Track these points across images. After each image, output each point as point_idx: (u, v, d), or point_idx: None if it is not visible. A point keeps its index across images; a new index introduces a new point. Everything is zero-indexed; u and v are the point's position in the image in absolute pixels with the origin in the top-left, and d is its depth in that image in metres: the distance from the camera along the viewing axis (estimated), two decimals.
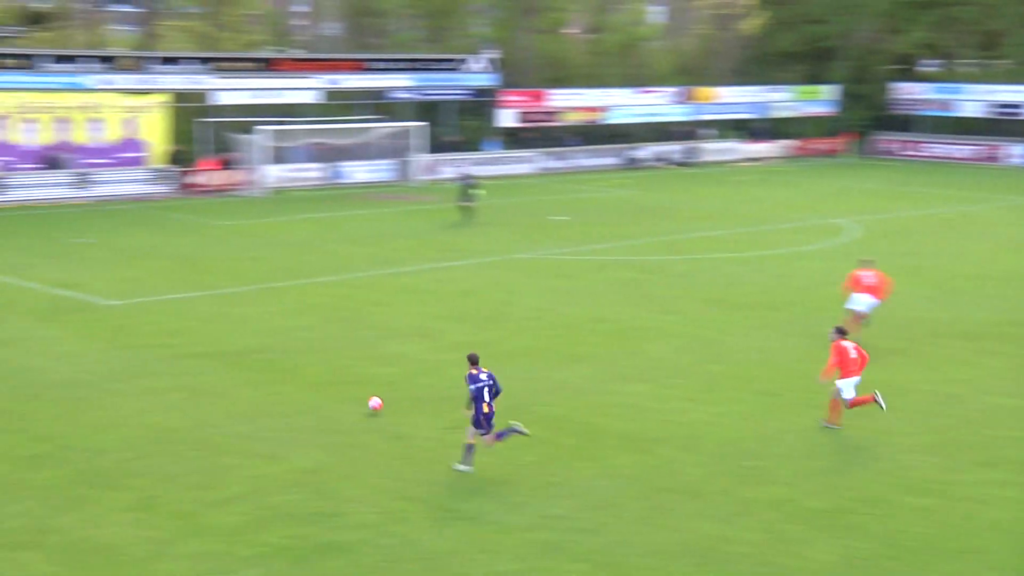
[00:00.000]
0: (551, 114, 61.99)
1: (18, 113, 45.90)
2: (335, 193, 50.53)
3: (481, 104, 60.25)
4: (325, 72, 54.10)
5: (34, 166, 46.09)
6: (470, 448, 17.30)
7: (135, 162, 48.78)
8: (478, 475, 17.23)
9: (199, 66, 50.46)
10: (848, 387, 19.07)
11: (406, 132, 54.54)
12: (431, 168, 55.33)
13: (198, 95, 52.07)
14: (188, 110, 52.87)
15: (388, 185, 53.36)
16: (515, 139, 61.32)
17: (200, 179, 49.17)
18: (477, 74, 58.73)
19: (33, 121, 46.34)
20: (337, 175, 53.00)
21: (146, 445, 18.16)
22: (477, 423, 17.24)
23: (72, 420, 19.27)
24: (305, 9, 68.81)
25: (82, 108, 47.38)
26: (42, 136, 46.61)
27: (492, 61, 59.04)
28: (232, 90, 51.37)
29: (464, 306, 28.72)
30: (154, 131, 49.38)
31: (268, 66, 52.73)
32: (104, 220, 41.64)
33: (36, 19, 62.17)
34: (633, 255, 36.31)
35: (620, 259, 35.50)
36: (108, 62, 48.18)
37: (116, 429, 18.84)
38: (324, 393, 21.06)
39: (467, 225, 42.09)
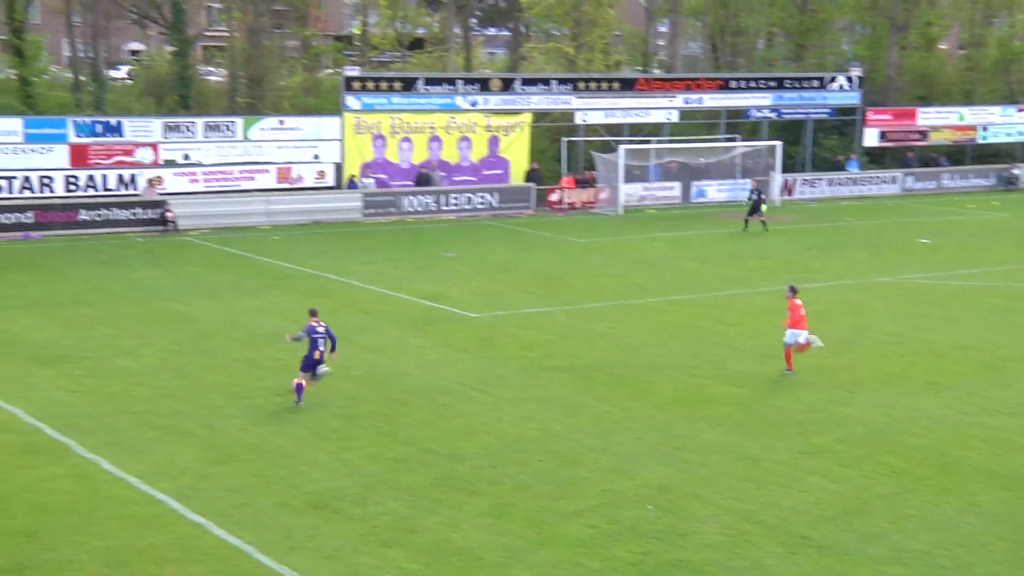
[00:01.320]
0: (920, 133, 59.43)
1: (396, 133, 48.75)
2: (690, 212, 50.55)
3: (841, 123, 58.60)
4: (685, 91, 54.23)
5: (408, 183, 48.73)
6: (299, 387, 21.07)
7: (498, 180, 50.65)
8: (829, 502, 16.74)
9: (562, 87, 51.81)
10: (795, 336, 23.89)
11: (763, 151, 53.74)
12: (789, 187, 54.34)
13: (560, 115, 53.44)
14: (549, 129, 54.32)
15: (744, 206, 52.84)
16: (874, 159, 59.22)
17: (558, 197, 50.44)
18: (839, 92, 57.16)
19: (408, 140, 49.06)
20: (692, 194, 52.98)
21: (502, 453, 18.79)
22: (305, 366, 21.14)
23: (434, 426, 20.22)
24: (665, 29, 69.29)
25: (453, 128, 49.73)
26: (416, 154, 49.25)
27: (854, 79, 57.30)
28: (593, 109, 52.41)
29: (819, 329, 27.94)
30: (516, 150, 51.10)
31: (629, 86, 53.46)
32: (468, 235, 43.47)
33: (415, 44, 65.86)
34: (1003, 281, 34.21)
35: (989, 285, 33.54)
36: (478, 84, 50.33)
37: (474, 436, 19.61)
38: (673, 411, 21.10)
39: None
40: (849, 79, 57.33)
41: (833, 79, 57.20)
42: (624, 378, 23.31)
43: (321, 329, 21.22)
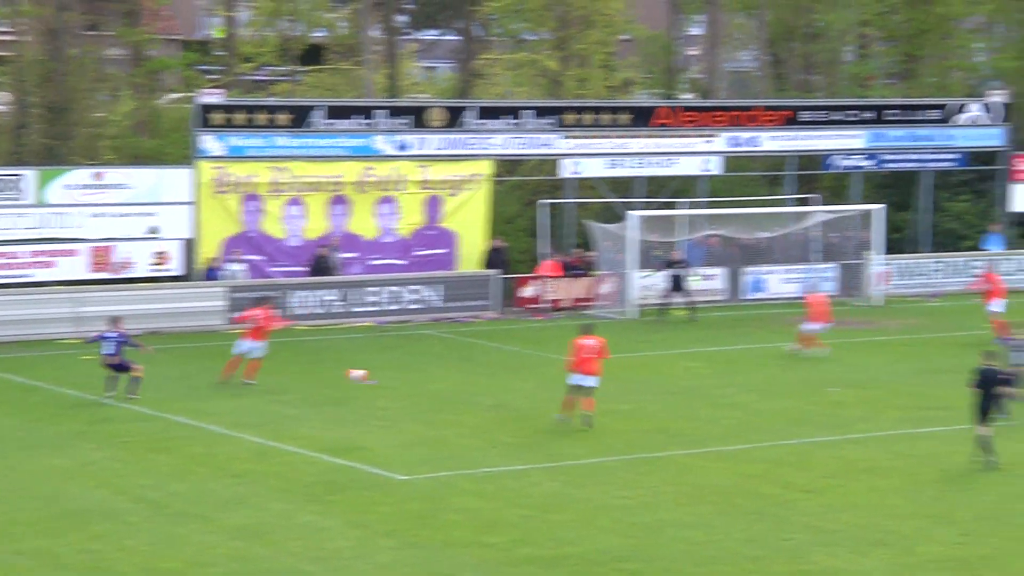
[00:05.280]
0: None
1: (276, 192, 48.79)
2: (742, 315, 50.70)
3: (976, 176, 59.21)
4: (732, 127, 54.75)
5: (297, 268, 48.67)
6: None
7: (441, 264, 50.74)
8: None
9: (541, 120, 52.17)
10: (241, 347, 37.73)
11: (854, 220, 54.13)
12: (888, 277, 54.73)
13: (538, 164, 53.76)
14: (520, 186, 54.58)
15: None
16: None
17: (535, 291, 50.52)
18: (971, 129, 57.87)
19: (297, 203, 49.13)
20: (744, 286, 53.24)
21: None
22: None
23: None
24: (701, 32, 70.24)
25: (370, 184, 49.85)
26: (309, 225, 49.31)
27: (994, 107, 58.09)
28: (589, 156, 52.76)
29: (950, 499, 28.07)
30: (469, 218, 51.24)
31: (644, 119, 53.89)
32: (394, 352, 43.35)
33: (309, 55, 66.14)
34: None
35: None
36: (409, 116, 50.62)
37: None
38: None
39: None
40: (987, 108, 58.09)
41: (962, 108, 57.95)
42: None
43: (113, 335, 35.11)
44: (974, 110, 58.08)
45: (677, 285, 48.90)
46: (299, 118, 49.08)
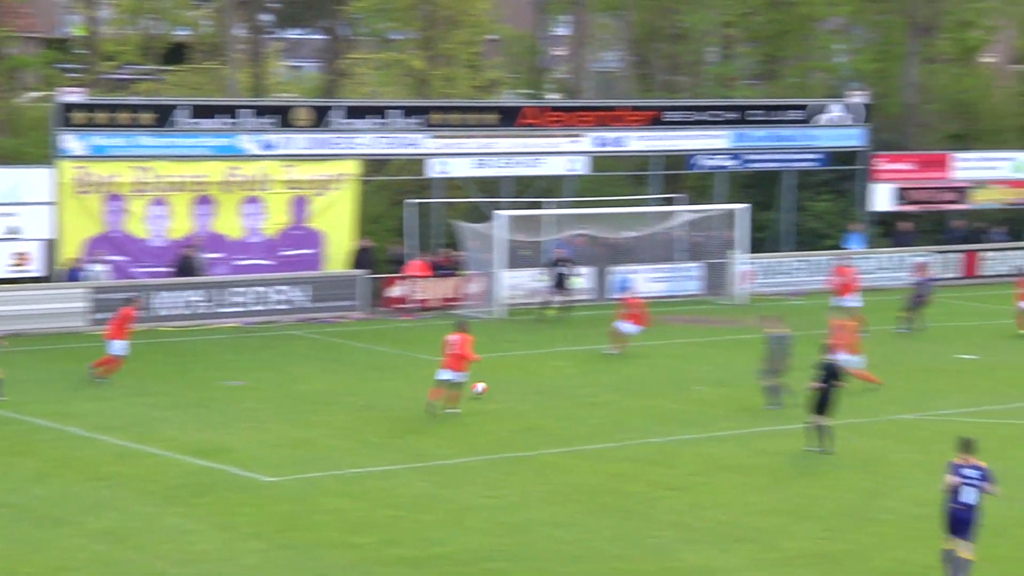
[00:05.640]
0: (955, 191, 60.99)
1: (140, 192, 48.37)
2: (609, 313, 50.95)
3: (837, 176, 59.93)
4: (597, 127, 55.02)
5: (162, 269, 48.33)
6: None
7: (307, 264, 50.55)
8: None
9: (408, 120, 52.16)
10: (122, 347, 37.94)
11: (718, 219, 54.57)
12: (752, 276, 55.26)
13: (404, 164, 53.70)
14: (386, 186, 54.52)
15: (690, 302, 53.49)
16: (892, 231, 60.52)
17: (403, 291, 50.53)
18: (832, 129, 58.60)
19: (161, 203, 48.74)
20: (610, 285, 53.52)
21: None
22: None
23: None
24: (566, 33, 70.50)
25: (234, 183, 49.58)
26: (174, 225, 48.93)
27: (855, 108, 58.88)
28: (456, 155, 52.79)
29: (811, 494, 28.42)
30: (335, 218, 51.10)
31: (510, 119, 54.04)
32: (260, 352, 43.15)
33: (173, 54, 65.64)
34: None
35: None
36: (275, 115, 50.38)
37: None
38: None
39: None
40: (847, 108, 58.82)
41: (823, 109, 58.63)
42: None
43: None
44: (835, 111, 58.81)
45: (560, 283, 49.35)
46: (163, 117, 48.67)
